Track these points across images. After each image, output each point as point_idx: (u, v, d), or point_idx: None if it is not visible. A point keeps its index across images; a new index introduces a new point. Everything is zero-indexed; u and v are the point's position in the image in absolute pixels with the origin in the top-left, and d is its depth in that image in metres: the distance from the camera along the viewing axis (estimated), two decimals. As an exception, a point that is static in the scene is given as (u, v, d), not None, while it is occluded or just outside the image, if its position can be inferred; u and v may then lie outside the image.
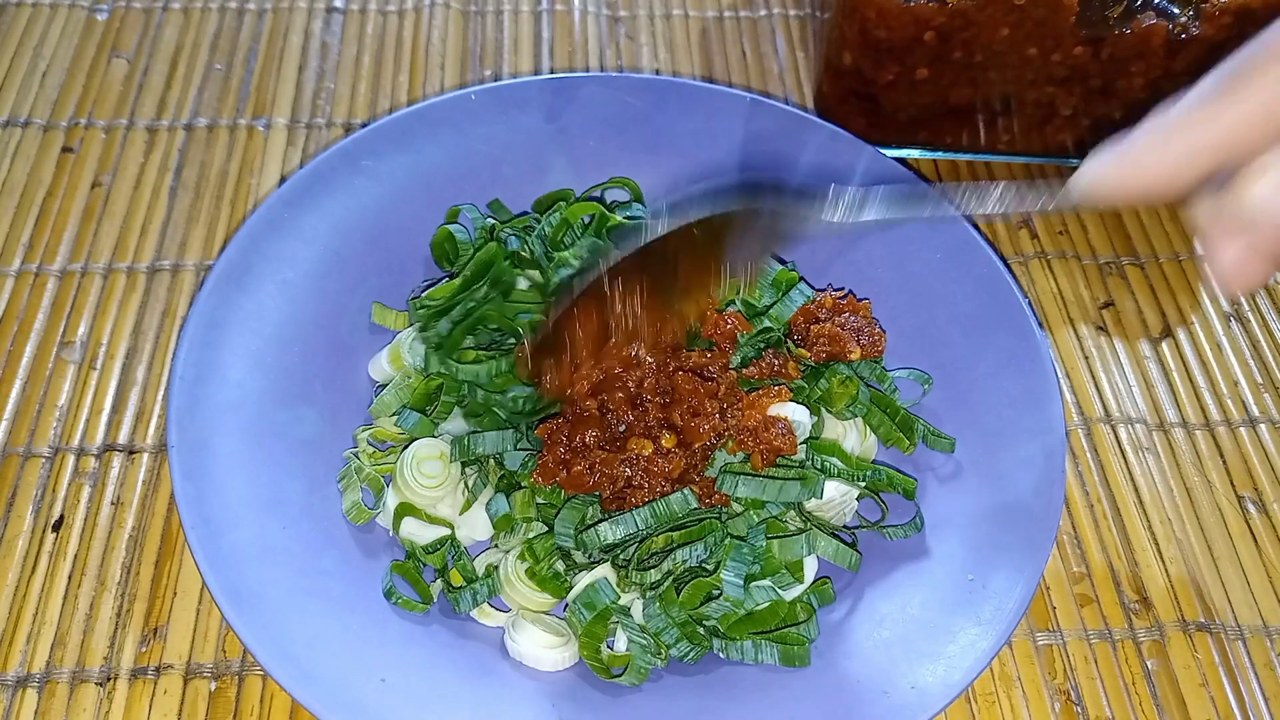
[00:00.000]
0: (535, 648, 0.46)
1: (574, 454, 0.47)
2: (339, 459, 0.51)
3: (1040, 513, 0.48)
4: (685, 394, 0.48)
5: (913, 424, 0.52)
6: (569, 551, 0.47)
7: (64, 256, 0.61)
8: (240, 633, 0.42)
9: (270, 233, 0.53)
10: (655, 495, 0.47)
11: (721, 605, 0.46)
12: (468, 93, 0.59)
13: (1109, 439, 0.57)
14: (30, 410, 0.55)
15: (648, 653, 0.45)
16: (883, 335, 0.53)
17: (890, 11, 0.58)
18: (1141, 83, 0.61)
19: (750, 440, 0.48)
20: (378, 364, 0.54)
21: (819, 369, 0.52)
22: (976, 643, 0.44)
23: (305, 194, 0.55)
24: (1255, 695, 0.50)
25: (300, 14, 0.74)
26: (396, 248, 0.56)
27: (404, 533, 0.49)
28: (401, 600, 0.47)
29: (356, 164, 0.56)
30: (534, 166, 0.59)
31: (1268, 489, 0.56)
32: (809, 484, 0.48)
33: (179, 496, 0.45)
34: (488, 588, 0.47)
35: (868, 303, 0.54)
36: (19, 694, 0.46)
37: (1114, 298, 0.63)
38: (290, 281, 0.53)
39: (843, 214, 0.49)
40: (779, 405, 0.49)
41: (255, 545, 0.45)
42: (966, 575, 0.47)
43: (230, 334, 0.50)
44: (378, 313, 0.55)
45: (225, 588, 0.43)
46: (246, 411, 0.49)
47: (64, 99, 0.68)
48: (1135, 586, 0.52)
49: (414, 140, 0.58)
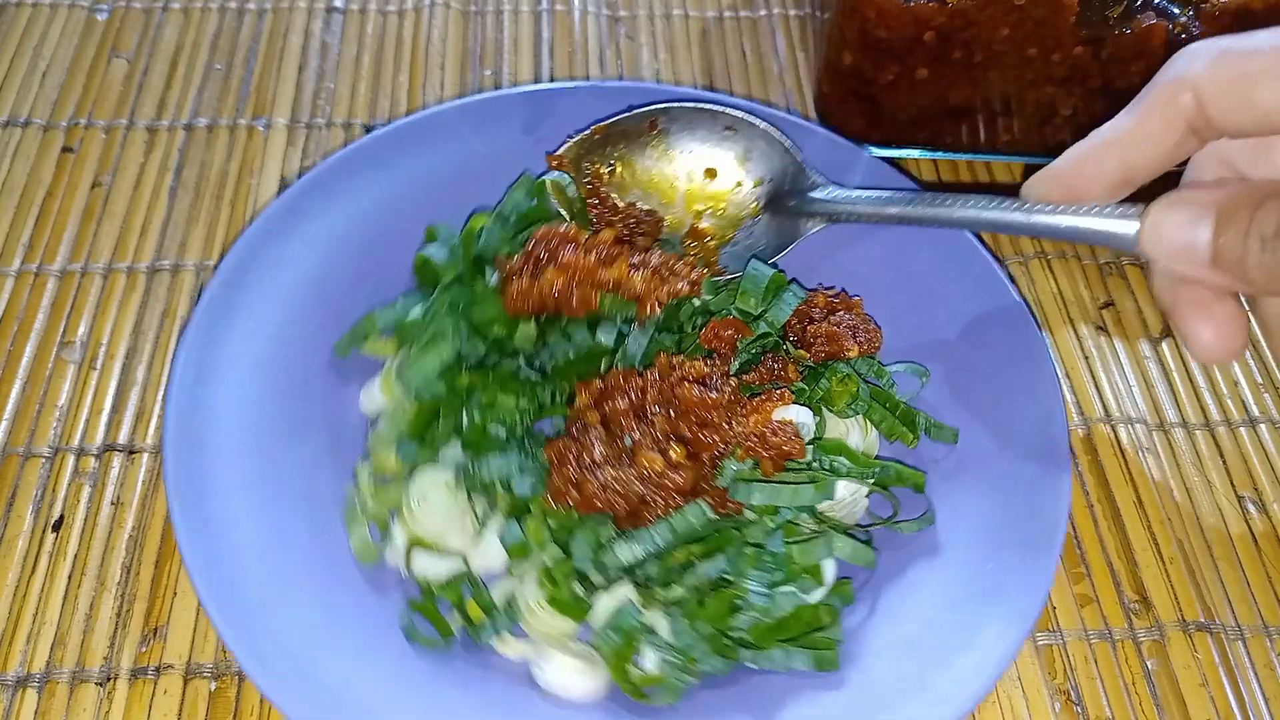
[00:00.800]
0: (565, 676, 0.45)
1: (583, 473, 0.47)
2: (342, 496, 0.50)
3: (1050, 494, 0.48)
4: (691, 405, 0.47)
5: (914, 417, 0.52)
6: (586, 574, 0.47)
7: (64, 256, 0.61)
8: (268, 693, 0.41)
9: (254, 266, 0.52)
10: (669, 510, 0.46)
11: (749, 616, 0.45)
12: (442, 110, 0.58)
13: (1109, 439, 0.57)
14: (30, 410, 0.55)
15: (679, 670, 0.45)
16: (878, 331, 0.53)
17: (890, 11, 0.58)
18: (1141, 83, 0.60)
19: (759, 446, 0.47)
20: (370, 395, 0.53)
21: (818, 369, 0.52)
22: (1005, 629, 0.44)
23: (286, 223, 0.54)
24: (1255, 695, 0.50)
25: (300, 14, 0.74)
26: (383, 271, 0.56)
27: (416, 568, 0.48)
28: (424, 640, 0.46)
29: (336, 189, 0.56)
30: (514, 179, 0.58)
31: (1268, 489, 0.56)
32: (822, 486, 0.47)
33: (182, 545, 0.44)
34: (508, 618, 0.46)
35: (859, 300, 0.54)
36: (19, 694, 0.46)
37: (1114, 297, 0.63)
38: (279, 316, 0.52)
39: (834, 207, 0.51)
40: (783, 409, 0.49)
41: (266, 592, 0.44)
42: (985, 564, 0.47)
43: (222, 373, 0.49)
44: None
45: (249, 649, 0.42)
46: (245, 453, 0.48)
47: (64, 99, 0.68)
48: (1135, 586, 0.52)
49: (392, 160, 0.57)
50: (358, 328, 0.53)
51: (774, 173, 0.57)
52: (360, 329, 0.53)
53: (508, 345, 0.52)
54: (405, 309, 0.53)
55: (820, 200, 0.54)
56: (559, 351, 0.51)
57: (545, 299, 0.51)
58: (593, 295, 0.51)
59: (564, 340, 0.51)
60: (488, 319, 0.52)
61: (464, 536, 0.49)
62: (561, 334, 0.52)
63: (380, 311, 0.53)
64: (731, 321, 0.52)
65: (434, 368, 0.50)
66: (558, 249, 0.51)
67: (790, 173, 0.56)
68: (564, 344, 0.51)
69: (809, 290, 0.55)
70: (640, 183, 0.58)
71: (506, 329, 0.52)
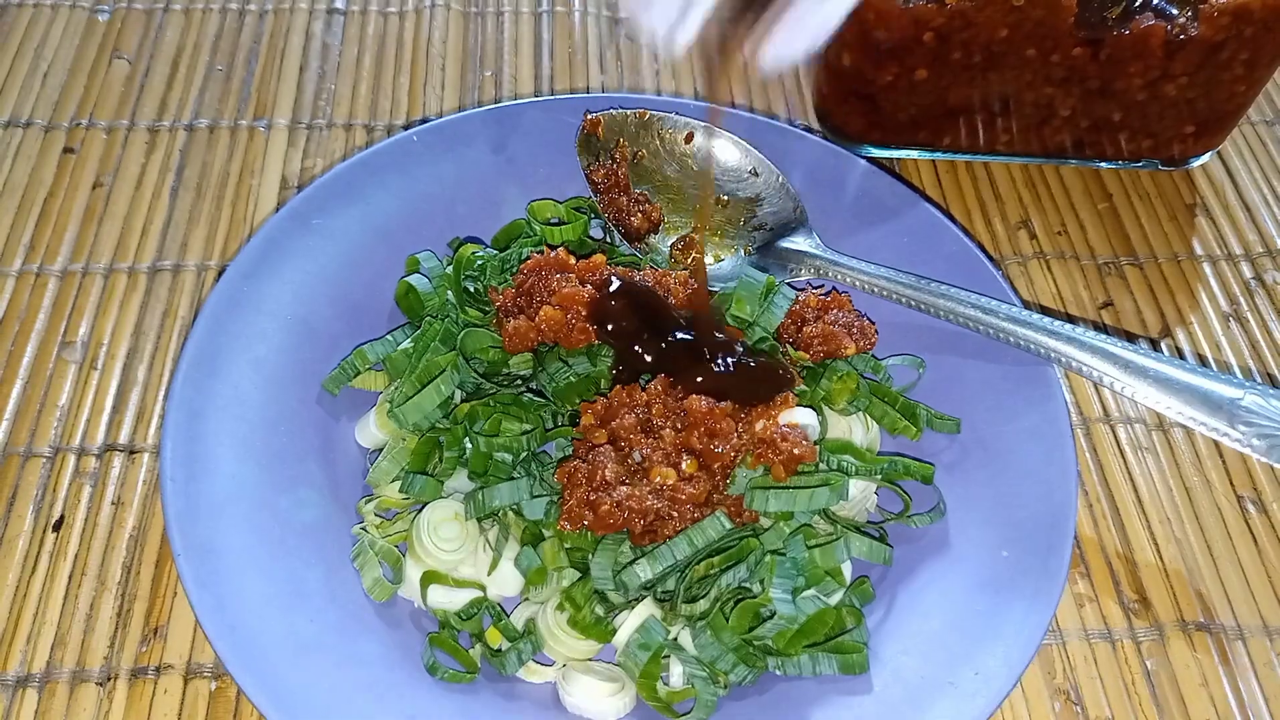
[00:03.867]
0: (593, 699, 0.45)
1: (597, 493, 0.46)
2: (348, 536, 0.49)
3: (1057, 476, 0.48)
4: (699, 417, 0.47)
5: (915, 409, 0.52)
6: (606, 594, 0.46)
7: (65, 257, 0.61)
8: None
9: (233, 310, 0.51)
10: (686, 523, 0.46)
11: (775, 624, 0.45)
12: (409, 135, 0.58)
13: (1108, 439, 0.57)
14: (31, 410, 0.55)
15: (709, 683, 0.44)
16: (872, 326, 0.53)
17: (889, 13, 0.58)
18: (1140, 83, 0.61)
19: (770, 452, 0.47)
20: (365, 429, 0.52)
21: (816, 369, 0.52)
22: (1028, 617, 0.44)
23: (262, 263, 0.53)
24: (1255, 695, 0.50)
25: (301, 15, 0.74)
26: (363, 304, 0.55)
27: (432, 602, 0.47)
28: (449, 674, 0.45)
29: (308, 224, 0.55)
30: (487, 200, 0.59)
31: (1266, 489, 0.56)
32: (835, 487, 0.47)
33: (196, 605, 0.43)
34: (531, 644, 0.46)
35: (849, 296, 0.55)
36: (19, 694, 0.46)
37: (1113, 298, 0.63)
38: (263, 359, 0.51)
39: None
40: (788, 413, 0.49)
41: (288, 645, 0.43)
42: (999, 551, 0.47)
43: (213, 424, 0.48)
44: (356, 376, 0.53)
45: (273, 700, 0.41)
46: (246, 504, 0.47)
47: (65, 100, 0.68)
48: (1135, 586, 0.52)
49: (362, 191, 0.56)
50: (347, 363, 0.52)
51: (778, 222, 0.58)
52: (350, 365, 0.52)
53: (504, 372, 0.52)
54: (395, 342, 0.53)
55: (810, 255, 0.56)
56: (558, 375, 0.50)
57: (544, 336, 0.50)
58: (592, 331, 0.50)
59: (563, 367, 0.51)
60: (482, 349, 0.51)
61: (478, 566, 0.48)
62: (560, 360, 0.51)
63: (370, 346, 0.52)
64: (729, 330, 0.52)
65: (433, 403, 0.49)
66: (549, 279, 0.51)
67: (793, 225, 0.58)
68: (563, 369, 0.50)
69: (798, 291, 0.55)
70: (655, 181, 0.59)
71: (502, 357, 0.51)
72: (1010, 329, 0.51)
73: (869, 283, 0.54)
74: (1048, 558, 0.46)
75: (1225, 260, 0.66)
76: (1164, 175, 0.69)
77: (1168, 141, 0.66)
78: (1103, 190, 0.68)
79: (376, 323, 0.55)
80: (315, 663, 0.43)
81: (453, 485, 0.50)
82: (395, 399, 0.50)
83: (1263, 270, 0.65)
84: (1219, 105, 0.63)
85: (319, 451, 0.51)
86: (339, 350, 0.53)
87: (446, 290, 0.54)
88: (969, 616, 0.46)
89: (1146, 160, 0.68)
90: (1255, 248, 0.66)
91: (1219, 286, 0.64)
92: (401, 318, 0.55)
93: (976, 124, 0.64)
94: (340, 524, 0.49)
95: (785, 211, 0.58)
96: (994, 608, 0.45)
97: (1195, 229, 0.67)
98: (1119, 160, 0.68)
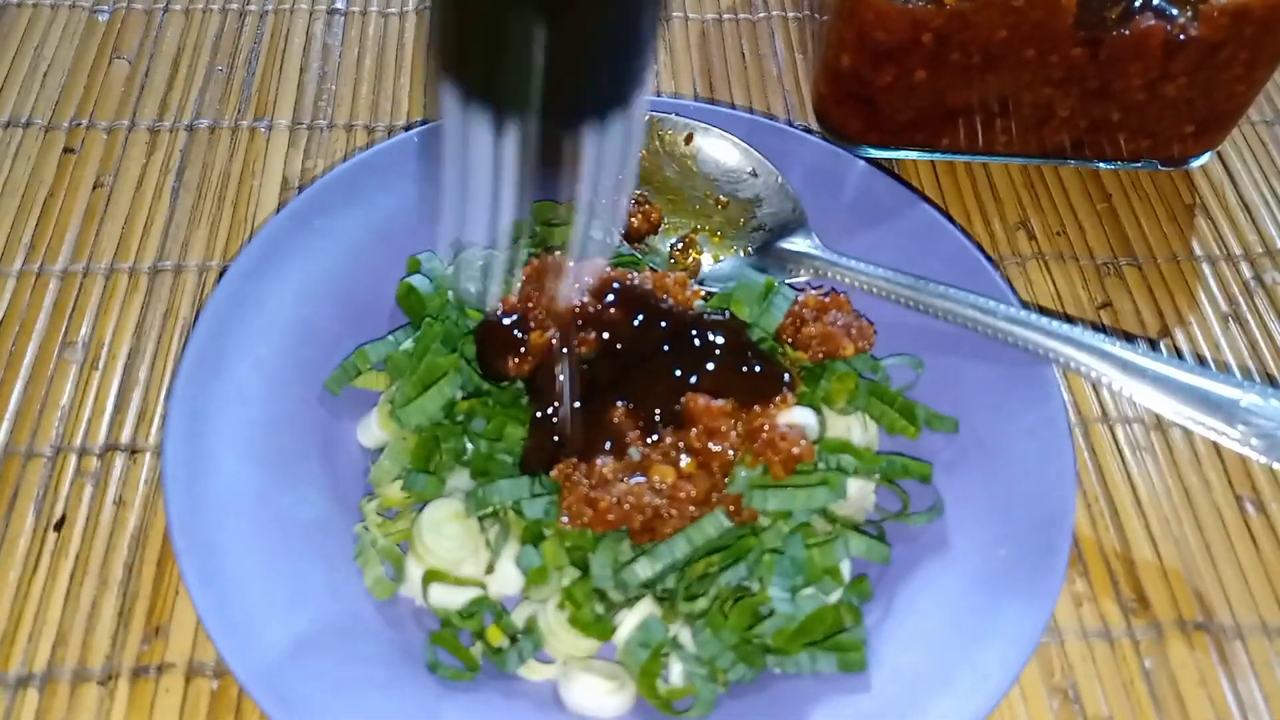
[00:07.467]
0: (594, 696, 0.45)
1: (596, 490, 0.46)
2: (350, 535, 0.49)
3: (1056, 475, 0.48)
4: (698, 416, 0.48)
5: (913, 408, 0.52)
6: (606, 592, 0.46)
7: (66, 257, 0.61)
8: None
9: (235, 310, 0.51)
10: (685, 521, 0.46)
11: (774, 622, 0.45)
12: (410, 136, 0.58)
13: (1106, 439, 0.57)
14: (32, 410, 0.55)
15: (708, 681, 0.45)
16: (871, 326, 0.53)
17: (888, 14, 0.58)
18: (1139, 84, 0.61)
19: (769, 452, 0.48)
20: (367, 428, 0.52)
21: (815, 370, 0.52)
22: (1026, 615, 0.44)
23: (263, 264, 0.53)
24: (1254, 695, 0.50)
25: (302, 16, 0.74)
26: (365, 305, 0.55)
27: (434, 600, 0.47)
28: (450, 672, 0.45)
29: (309, 224, 0.55)
30: None
31: (1265, 489, 0.56)
32: (834, 486, 0.47)
33: (198, 604, 0.43)
34: (532, 642, 0.46)
35: (847, 297, 0.55)
36: (20, 693, 0.46)
37: (1112, 298, 0.64)
38: (265, 359, 0.51)
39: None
40: (787, 412, 0.49)
41: (289, 644, 0.43)
42: (997, 549, 0.47)
43: (215, 423, 0.48)
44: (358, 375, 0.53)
45: (274, 699, 0.41)
46: (248, 503, 0.47)
47: (65, 100, 0.68)
48: (1133, 586, 0.53)
49: (364, 192, 0.56)
50: (349, 364, 0.52)
51: (777, 223, 0.58)
52: (352, 365, 0.52)
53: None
54: (396, 343, 0.53)
55: (809, 256, 0.57)
56: None
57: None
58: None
59: None
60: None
61: (479, 564, 0.48)
62: None
63: (372, 346, 0.52)
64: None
65: (436, 406, 0.49)
66: (542, 290, 0.51)
67: (792, 226, 0.58)
68: None
69: (797, 291, 0.55)
70: (655, 181, 0.59)
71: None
72: (1009, 329, 0.51)
73: (868, 283, 0.55)
74: (1046, 557, 0.46)
75: (1225, 261, 0.66)
76: (1163, 175, 0.69)
77: (1167, 142, 0.66)
78: (1102, 191, 0.68)
79: (378, 323, 0.55)
80: (317, 661, 0.43)
81: (454, 484, 0.50)
82: (397, 401, 0.50)
83: (1262, 270, 0.65)
84: (1219, 105, 0.63)
85: (320, 450, 0.51)
86: (340, 350, 0.53)
87: (447, 291, 0.54)
88: (967, 615, 0.46)
89: (1146, 160, 0.68)
90: (1255, 248, 0.66)
91: (1218, 287, 0.64)
92: (403, 318, 0.55)
93: (975, 125, 0.64)
94: (342, 523, 0.49)
95: (784, 212, 0.58)
96: (992, 606, 0.46)
97: (1194, 229, 0.67)
98: (1118, 160, 0.68)
